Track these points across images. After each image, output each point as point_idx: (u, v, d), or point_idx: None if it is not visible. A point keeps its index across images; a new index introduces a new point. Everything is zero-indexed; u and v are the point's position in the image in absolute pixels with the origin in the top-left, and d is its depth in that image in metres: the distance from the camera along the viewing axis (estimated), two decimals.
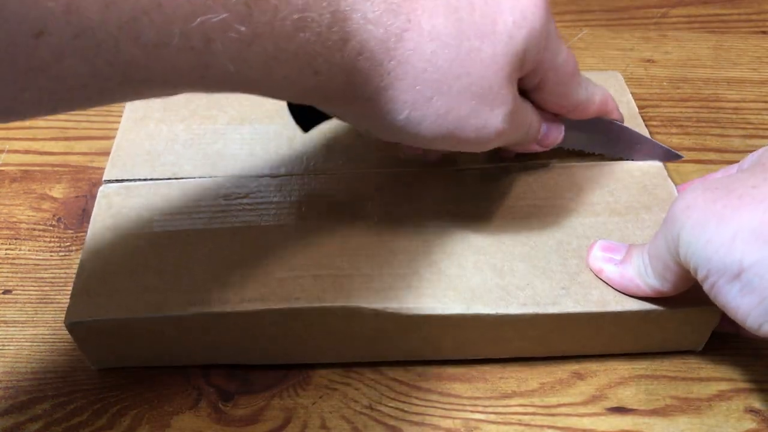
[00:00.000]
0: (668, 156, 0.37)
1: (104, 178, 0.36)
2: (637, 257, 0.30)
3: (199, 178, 0.36)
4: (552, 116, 0.32)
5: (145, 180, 0.36)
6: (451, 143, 0.28)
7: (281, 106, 0.39)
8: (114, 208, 0.34)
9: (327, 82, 0.24)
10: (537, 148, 0.33)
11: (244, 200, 0.35)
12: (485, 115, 0.27)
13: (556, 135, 0.33)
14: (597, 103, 0.33)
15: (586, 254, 0.32)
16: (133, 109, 0.39)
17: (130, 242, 0.33)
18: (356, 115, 0.28)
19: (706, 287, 0.26)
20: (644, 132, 0.39)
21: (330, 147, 0.37)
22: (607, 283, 0.31)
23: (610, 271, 0.31)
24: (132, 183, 0.36)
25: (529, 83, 0.29)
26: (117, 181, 0.36)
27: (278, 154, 0.37)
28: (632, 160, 0.37)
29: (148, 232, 0.33)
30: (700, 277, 0.26)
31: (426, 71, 0.25)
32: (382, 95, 0.25)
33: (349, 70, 0.24)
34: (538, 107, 0.31)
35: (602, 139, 0.36)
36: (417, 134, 0.27)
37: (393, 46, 0.24)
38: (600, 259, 0.32)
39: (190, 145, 0.37)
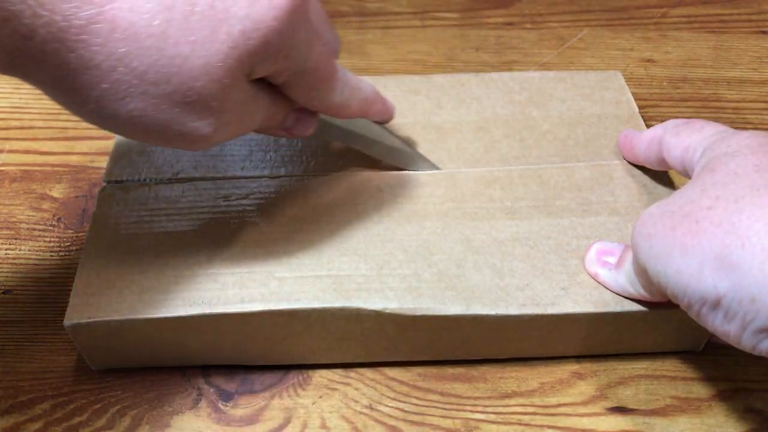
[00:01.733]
0: (429, 167, 0.37)
1: (104, 179, 0.36)
2: (627, 264, 0.30)
3: (200, 179, 0.36)
4: (305, 108, 0.30)
5: (145, 180, 0.36)
6: (155, 143, 0.26)
7: None
8: (114, 209, 0.34)
9: None
10: (284, 135, 0.31)
11: (244, 201, 0.35)
12: (191, 124, 0.24)
13: (306, 127, 0.31)
14: (354, 108, 0.31)
15: (584, 256, 0.32)
16: None
17: (129, 243, 0.33)
18: (46, 92, 0.25)
19: (692, 315, 0.26)
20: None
21: (330, 147, 0.37)
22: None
23: (605, 276, 0.31)
24: (132, 183, 0.36)
25: (271, 81, 0.27)
26: (117, 181, 0.36)
27: (278, 154, 0.37)
28: (396, 164, 0.36)
29: (148, 232, 0.33)
30: (682, 305, 0.26)
31: (116, 71, 0.22)
32: (62, 84, 0.23)
33: (11, 51, 0.21)
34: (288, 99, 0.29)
35: (363, 139, 0.36)
36: (114, 129, 0.25)
37: (74, 37, 0.21)
38: (595, 262, 0.32)
39: None
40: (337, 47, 0.31)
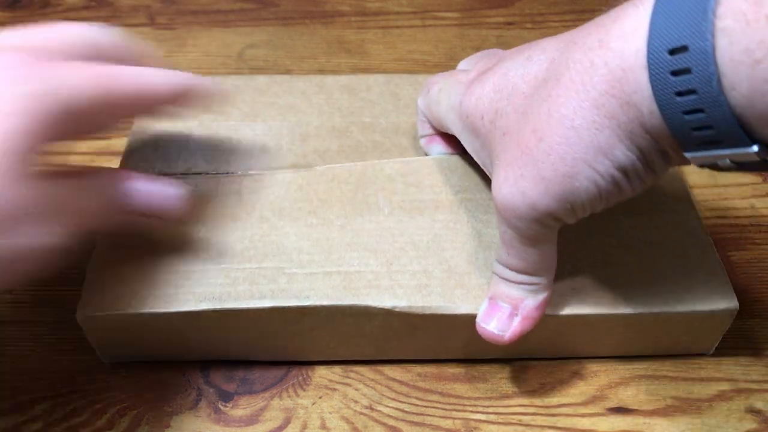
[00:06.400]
0: None
1: None
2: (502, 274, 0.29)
3: (213, 174, 0.36)
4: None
5: (158, 175, 0.36)
6: None
7: (294, 103, 0.39)
8: None
9: None
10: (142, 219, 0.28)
11: (255, 195, 0.35)
12: None
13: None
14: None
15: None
16: None
17: (143, 237, 0.33)
18: None
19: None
20: None
21: (342, 142, 0.37)
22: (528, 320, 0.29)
23: (524, 321, 0.29)
24: None
25: None
26: None
27: (290, 150, 0.37)
28: None
29: (162, 227, 0.33)
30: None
31: None
32: None
33: None
34: None
35: None
36: None
37: None
38: (498, 330, 0.29)
39: (204, 141, 0.37)
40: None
